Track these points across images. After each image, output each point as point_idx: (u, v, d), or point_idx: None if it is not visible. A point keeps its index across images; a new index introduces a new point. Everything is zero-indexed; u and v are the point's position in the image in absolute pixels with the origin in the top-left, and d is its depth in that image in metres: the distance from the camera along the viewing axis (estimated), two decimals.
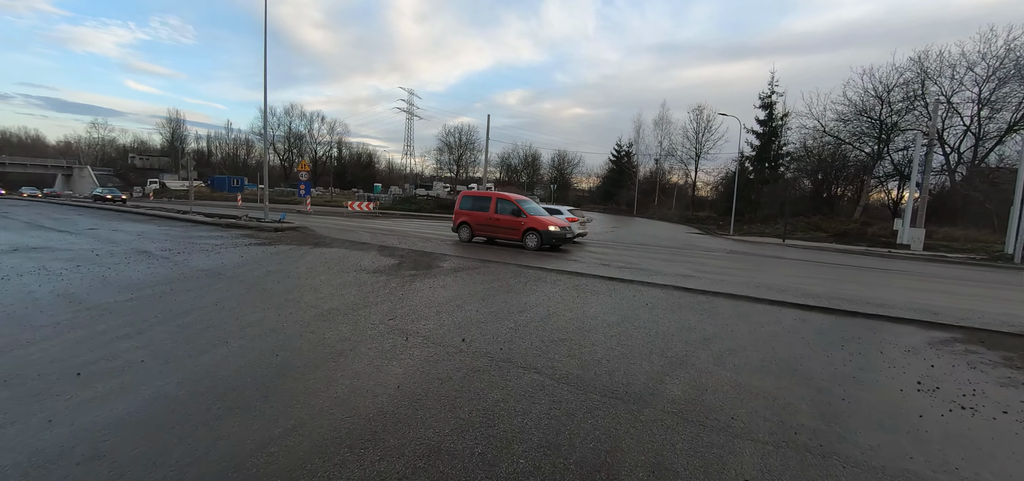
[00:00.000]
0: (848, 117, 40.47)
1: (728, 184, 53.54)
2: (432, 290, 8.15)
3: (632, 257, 14.87)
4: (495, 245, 15.50)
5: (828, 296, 9.16)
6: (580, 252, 15.27)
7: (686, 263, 14.19)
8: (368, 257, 11.82)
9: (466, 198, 16.85)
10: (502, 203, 15.74)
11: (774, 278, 11.62)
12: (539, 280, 9.58)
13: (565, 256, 13.77)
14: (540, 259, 12.68)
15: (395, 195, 46.93)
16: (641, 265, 12.79)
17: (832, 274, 13.47)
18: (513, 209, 15.36)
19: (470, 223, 16.12)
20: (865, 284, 11.62)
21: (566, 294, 8.29)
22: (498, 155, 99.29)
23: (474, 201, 16.48)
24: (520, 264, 11.54)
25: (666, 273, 11.36)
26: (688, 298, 8.45)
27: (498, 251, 14.05)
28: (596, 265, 12.09)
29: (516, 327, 6.07)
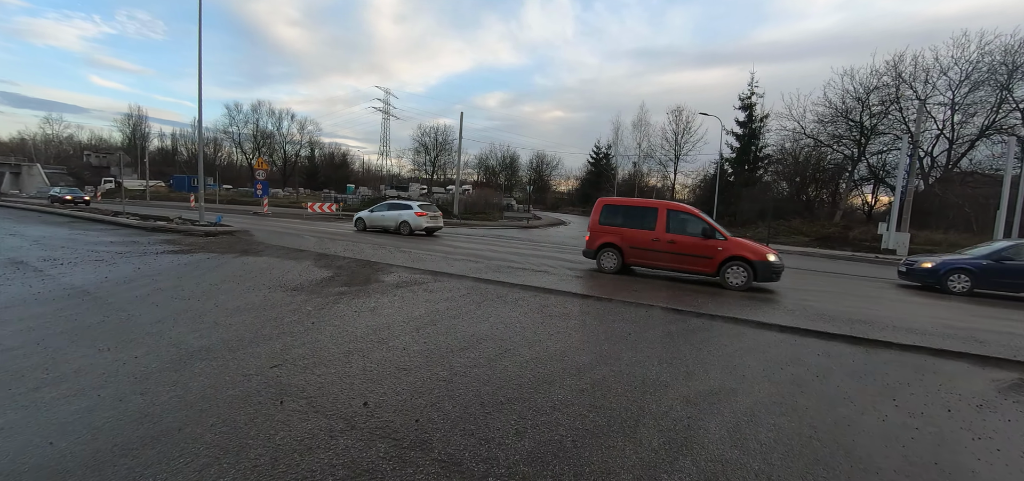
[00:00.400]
0: (828, 119, 40.00)
1: (707, 187, 52.87)
2: (356, 315, 6.33)
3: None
4: (477, 258, 13.72)
5: (844, 318, 7.67)
6: (550, 260, 13.60)
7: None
8: (298, 268, 9.89)
9: (609, 208, 11.68)
10: (680, 218, 10.83)
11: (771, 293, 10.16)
12: (499, 299, 7.85)
13: (532, 270, 12.08)
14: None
15: (363, 196, 44.64)
16: (619, 277, 11.18)
17: (831, 285, 12.10)
18: (704, 228, 10.55)
19: (620, 246, 11.14)
20: (872, 299, 10.24)
21: (527, 318, 6.57)
22: (476, 157, 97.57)
23: (625, 214, 11.43)
24: (481, 279, 9.78)
25: (654, 286, 9.76)
26: (680, 323, 6.82)
27: (468, 262, 12.27)
28: (569, 278, 10.41)
29: (451, 376, 4.32)
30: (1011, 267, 11.35)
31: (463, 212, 38.64)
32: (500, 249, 16.00)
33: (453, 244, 16.86)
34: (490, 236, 22.84)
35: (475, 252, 14.41)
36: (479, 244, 17.55)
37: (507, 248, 16.64)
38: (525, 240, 21.44)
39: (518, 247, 17.38)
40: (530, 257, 13.90)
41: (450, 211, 37.91)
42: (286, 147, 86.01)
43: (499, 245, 17.68)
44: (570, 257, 14.71)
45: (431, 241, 17.58)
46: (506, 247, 17.01)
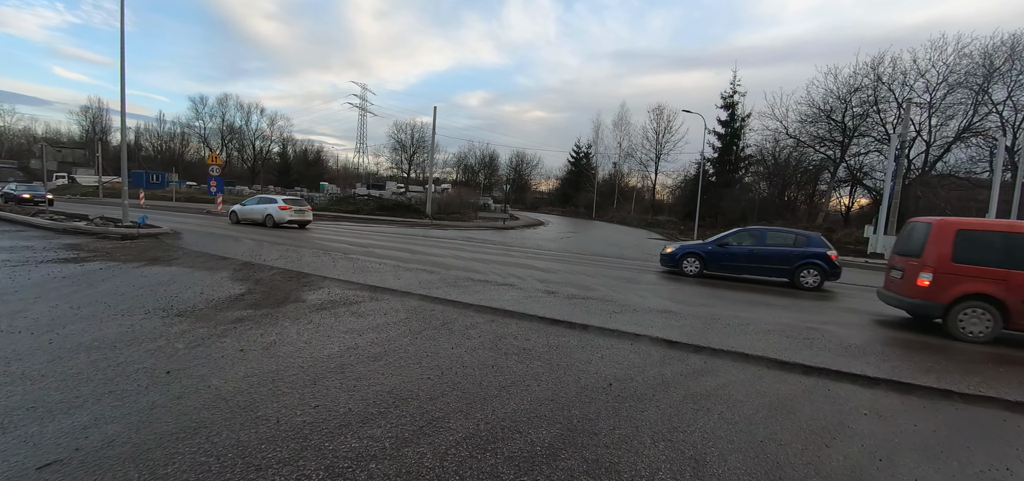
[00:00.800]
0: (810, 118, 39.36)
1: (688, 187, 52.05)
2: (239, 358, 4.57)
3: (588, 278, 11.67)
4: (436, 266, 11.97)
5: (876, 351, 6.22)
6: (521, 269, 11.94)
7: (657, 285, 11.12)
8: (207, 282, 8.03)
9: (970, 238, 7.35)
10: None
11: (777, 312, 8.70)
12: (445, 327, 6.16)
13: (496, 283, 10.40)
14: (492, 293, 9.26)
15: (331, 195, 42.35)
16: (596, 289, 9.60)
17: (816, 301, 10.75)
18: None
19: (1005, 303, 6.98)
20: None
21: (475, 358, 4.90)
22: (454, 155, 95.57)
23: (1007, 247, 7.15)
24: (429, 297, 8.07)
25: (636, 307, 8.17)
26: (677, 362, 5.23)
27: (422, 273, 10.55)
28: (537, 295, 8.77)
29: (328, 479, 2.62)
30: (729, 251, 12.49)
31: (437, 212, 36.77)
32: (466, 255, 14.29)
33: (415, 248, 15.09)
34: (459, 239, 21.09)
35: (436, 259, 12.68)
36: (444, 248, 15.81)
37: (474, 253, 14.95)
38: (497, 244, 19.75)
39: (487, 252, 15.69)
40: (497, 265, 12.23)
41: (422, 211, 36.01)
42: (256, 143, 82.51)
43: (466, 250, 15.97)
44: (544, 265, 13.08)
45: (392, 244, 15.77)
46: (473, 252, 15.31)
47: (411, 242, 17.43)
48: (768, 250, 12.34)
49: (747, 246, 12.57)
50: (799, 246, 12.08)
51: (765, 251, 12.35)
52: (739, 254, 12.49)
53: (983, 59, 35.33)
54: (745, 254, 12.46)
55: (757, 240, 12.70)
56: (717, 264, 12.61)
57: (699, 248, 13.07)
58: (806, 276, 11.69)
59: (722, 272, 12.70)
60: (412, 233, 22.28)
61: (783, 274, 12.03)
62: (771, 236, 12.89)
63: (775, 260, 12.13)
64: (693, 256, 12.83)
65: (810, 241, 12.16)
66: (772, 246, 12.39)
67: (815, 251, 11.82)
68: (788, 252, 12.08)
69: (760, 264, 12.30)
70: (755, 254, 12.39)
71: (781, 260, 12.06)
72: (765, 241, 12.61)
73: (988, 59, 35.27)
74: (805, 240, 12.24)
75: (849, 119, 39.10)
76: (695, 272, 12.62)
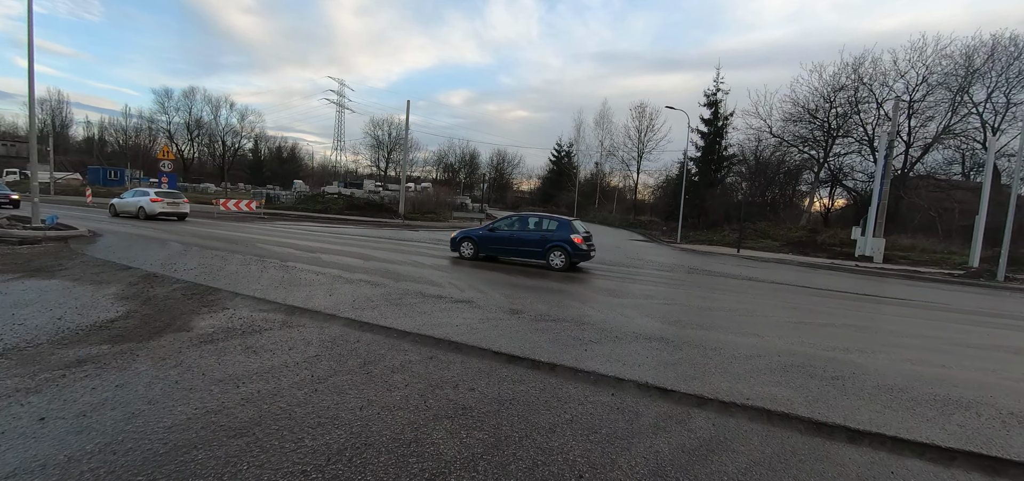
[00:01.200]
0: (795, 117, 38.68)
1: (670, 187, 51.18)
2: (20, 442, 2.91)
3: (562, 290, 10.18)
4: (385, 276, 10.33)
5: (923, 393, 4.84)
6: (485, 283, 10.40)
7: (644, 300, 9.70)
8: (84, 300, 6.29)
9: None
10: None
11: (795, 331, 7.33)
12: (363, 369, 4.57)
13: (450, 299, 8.85)
14: (434, 310, 7.67)
15: (299, 193, 40.16)
16: (571, 305, 8.11)
17: (853, 315, 9.48)
18: None
19: None
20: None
21: (393, 422, 3.32)
22: (434, 153, 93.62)
23: None
24: (357, 322, 6.48)
25: (620, 331, 6.69)
26: (676, 425, 3.75)
27: (363, 286, 8.92)
28: (499, 316, 7.24)
29: None
30: (496, 236, 13.19)
31: (411, 211, 34.96)
32: (428, 261, 12.68)
33: (372, 253, 13.40)
34: (427, 242, 19.44)
35: (390, 267, 11.05)
36: (405, 254, 14.17)
37: (437, 259, 13.35)
38: None
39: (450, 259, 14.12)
40: (459, 276, 10.66)
41: (396, 210, 34.18)
42: (225, 138, 79.12)
43: (430, 255, 14.35)
44: (515, 271, 11.55)
45: (347, 249, 14.05)
46: (437, 258, 13.71)
47: (371, 246, 15.73)
48: (527, 235, 13.00)
49: (510, 231, 13.21)
50: (550, 231, 12.74)
51: (524, 236, 13.01)
52: (504, 239, 13.12)
53: (963, 59, 35.02)
54: (508, 239, 13.09)
55: (521, 226, 13.36)
56: (487, 248, 13.31)
57: (473, 233, 13.67)
58: (554, 258, 12.42)
59: (491, 255, 13.42)
60: (376, 235, 20.53)
61: (538, 256, 12.74)
62: (532, 222, 13.47)
63: (532, 244, 12.81)
64: (468, 241, 13.49)
65: (561, 227, 12.76)
66: (531, 231, 13.05)
67: (562, 236, 12.50)
68: (541, 236, 12.77)
69: (520, 247, 12.98)
70: (516, 238, 13.02)
71: (536, 244, 12.75)
72: (527, 227, 13.27)
73: (968, 59, 34.97)
74: (556, 226, 12.85)
75: (833, 118, 38.52)
76: (470, 255, 13.37)
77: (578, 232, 12.61)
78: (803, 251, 27.40)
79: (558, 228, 12.71)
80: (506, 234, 13.14)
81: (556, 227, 12.77)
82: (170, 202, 20.47)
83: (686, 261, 19.49)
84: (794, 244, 29.63)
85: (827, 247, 28.43)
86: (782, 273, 16.65)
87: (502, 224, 13.54)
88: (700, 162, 44.80)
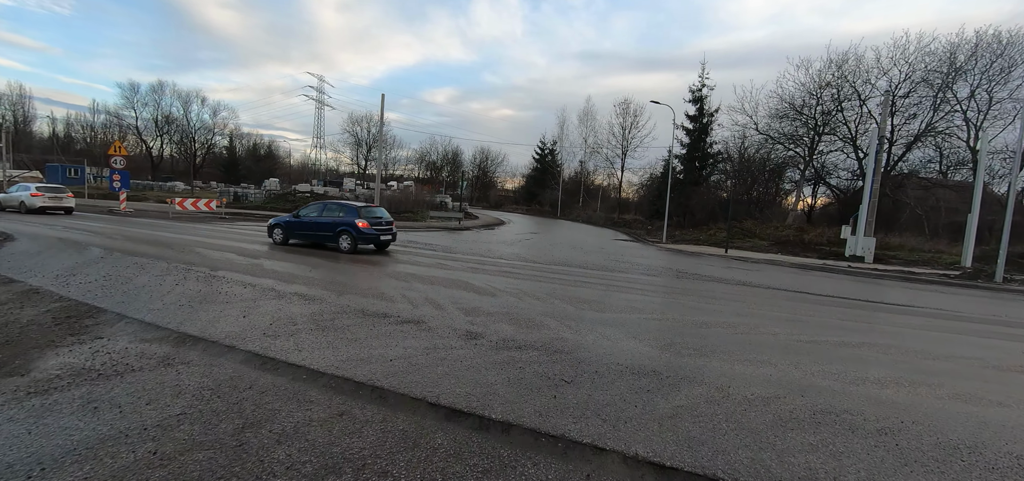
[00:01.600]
0: (782, 113, 38.00)
1: (654, 185, 50.34)
2: None
3: (536, 303, 8.87)
4: (327, 288, 8.88)
5: (999, 454, 3.65)
6: (449, 289, 9.04)
7: (630, 314, 8.44)
8: None
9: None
10: None
11: (809, 354, 6.12)
12: (241, 435, 3.18)
13: (396, 319, 7.48)
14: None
15: (269, 192, 38.21)
16: (544, 324, 6.79)
17: (867, 330, 8.35)
18: None
19: None
20: (956, 368, 6.45)
21: None
22: (417, 151, 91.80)
23: None
24: (260, 356, 5.08)
25: (602, 362, 5.39)
26: None
27: (292, 304, 7.49)
28: (453, 335, 5.88)
29: None
30: (300, 222, 13.95)
31: (387, 210, 33.32)
32: (382, 271, 11.28)
33: (321, 260, 11.94)
34: (400, 243, 18.00)
35: (338, 277, 9.62)
36: (360, 261, 12.73)
37: (402, 266, 11.96)
38: (438, 251, 16.80)
39: (418, 263, 12.73)
40: (419, 285, 9.29)
41: None
42: (196, 134, 76.04)
43: (392, 260, 12.94)
44: (483, 282, 10.22)
45: (295, 254, 12.55)
46: (398, 264, 12.32)
47: (327, 254, 14.22)
48: (322, 221, 13.71)
49: (310, 218, 13.92)
50: (340, 218, 13.47)
51: (320, 221, 13.73)
52: (305, 224, 13.86)
53: (947, 55, 34.67)
54: (309, 224, 13.84)
55: (319, 213, 13.97)
56: (293, 233, 14.03)
57: (282, 220, 14.38)
58: (342, 241, 13.27)
59: (297, 240, 14.12)
60: None
61: (331, 240, 13.53)
62: (328, 209, 14.03)
63: (326, 228, 13.56)
64: (279, 227, 14.18)
65: (348, 213, 13.53)
66: (325, 218, 13.71)
67: (349, 221, 13.25)
68: (334, 221, 13.50)
69: (317, 232, 13.74)
70: (314, 224, 13.78)
71: (329, 228, 13.50)
72: (323, 214, 13.87)
73: (951, 56, 34.63)
74: (345, 212, 13.60)
75: (819, 114, 37.97)
76: (281, 240, 14.07)
77: (366, 218, 13.37)
78: (792, 251, 26.58)
79: (346, 214, 13.52)
80: (307, 221, 13.87)
81: (345, 213, 13.57)
82: (52, 196, 20.52)
83: (673, 263, 18.37)
84: (782, 244, 28.82)
85: (815, 246, 27.68)
86: (776, 276, 15.60)
87: (305, 212, 14.18)
88: (685, 159, 43.94)
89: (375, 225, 13.41)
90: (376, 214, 13.80)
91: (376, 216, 13.70)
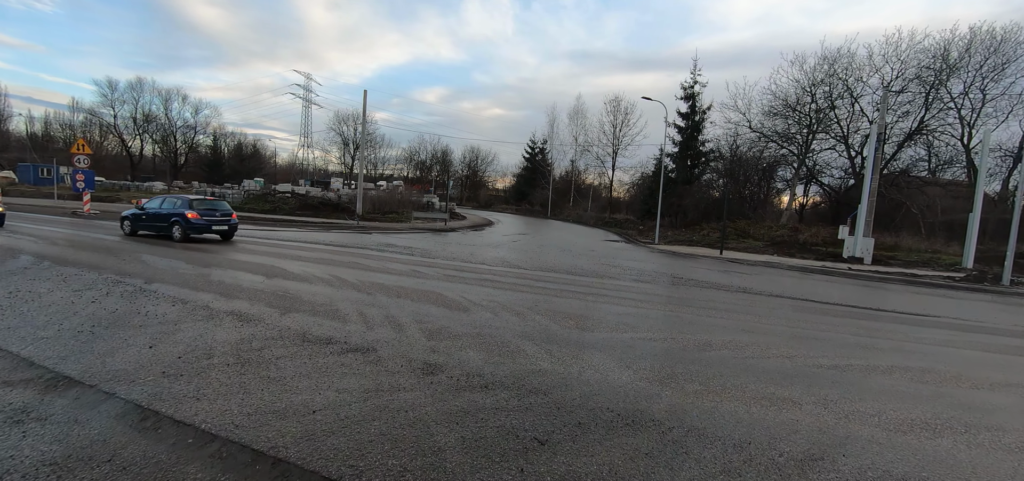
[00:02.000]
0: (776, 110, 37.31)
1: (645, 185, 49.55)
2: None
3: (513, 320, 7.84)
4: (280, 300, 7.76)
5: None
6: (415, 303, 7.97)
7: (620, 333, 7.44)
8: None
9: None
10: None
11: (835, 386, 5.15)
12: None
13: (341, 348, 6.41)
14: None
15: (248, 192, 36.80)
16: (521, 348, 5.76)
17: (891, 349, 7.42)
18: None
19: None
20: (1011, 403, 5.51)
21: None
22: (405, 150, 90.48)
23: None
24: (146, 408, 3.96)
25: (585, 407, 4.36)
26: None
27: (221, 327, 6.38)
28: (404, 371, 4.83)
29: None
30: (144, 213, 15.12)
31: (370, 211, 32.14)
32: (352, 277, 10.18)
33: (286, 267, 10.81)
34: (371, 248, 16.91)
35: (289, 288, 8.52)
36: (326, 267, 11.63)
37: (367, 274, 10.87)
38: (417, 255, 15.73)
39: (390, 269, 11.67)
40: (383, 297, 8.22)
41: (353, 210, 31.32)
42: (176, 133, 74.03)
43: (361, 268, 11.84)
44: (457, 294, 9.17)
45: (256, 261, 11.40)
46: (368, 272, 11.23)
47: (296, 255, 13.08)
48: (160, 213, 14.88)
49: (150, 211, 15.13)
50: (174, 210, 14.67)
51: (158, 213, 14.92)
52: (147, 216, 15.01)
53: (940, 52, 34.16)
54: (149, 216, 14.99)
55: (158, 207, 15.18)
56: (137, 225, 15.21)
57: (130, 213, 15.60)
58: (173, 231, 14.40)
59: (143, 230, 15.18)
60: (314, 241, 17.82)
61: (166, 231, 14.53)
62: (166, 202, 15.28)
63: (162, 220, 14.69)
64: (127, 219, 15.41)
65: (180, 205, 14.72)
66: (163, 211, 14.87)
67: (179, 213, 14.44)
68: (168, 214, 14.66)
69: (156, 223, 14.84)
70: (153, 216, 14.92)
71: (165, 220, 14.63)
72: (161, 207, 15.10)
73: (944, 53, 34.13)
74: (178, 204, 14.86)
75: (813, 112, 37.35)
76: (129, 231, 15.22)
77: (196, 210, 14.53)
78: (788, 252, 25.81)
79: (178, 207, 14.68)
80: (150, 213, 15.03)
81: (177, 206, 14.76)
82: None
83: (667, 266, 17.43)
84: (777, 244, 28.06)
85: (811, 247, 26.94)
86: (777, 281, 14.70)
87: (149, 206, 15.43)
88: (677, 158, 43.15)
89: (206, 216, 14.67)
90: (210, 207, 15.20)
91: (210, 208, 15.10)
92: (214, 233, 15.00)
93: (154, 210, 15.04)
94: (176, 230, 14.29)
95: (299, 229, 22.63)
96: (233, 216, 15.53)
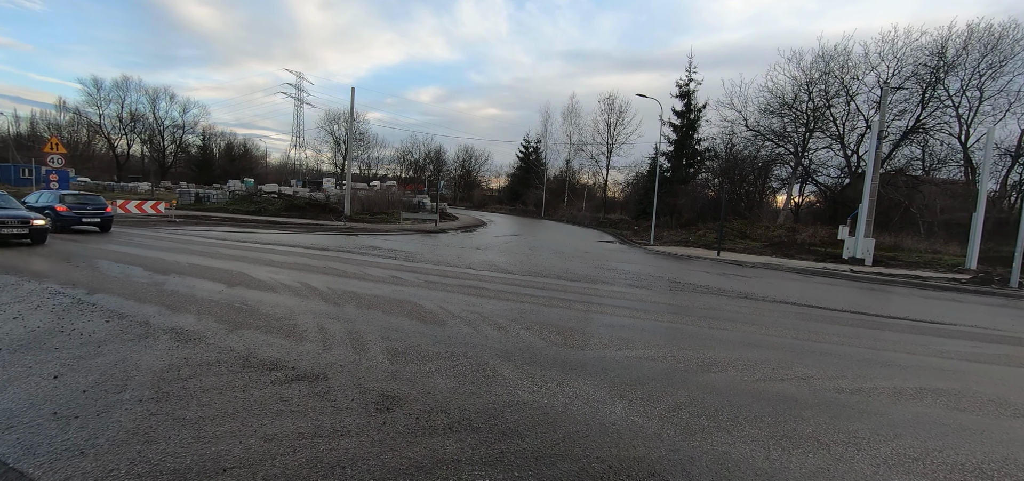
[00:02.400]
0: (772, 109, 36.77)
1: (640, 184, 48.96)
2: None
3: (495, 334, 7.08)
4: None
5: None
6: (389, 315, 7.22)
7: (615, 350, 6.71)
8: None
9: None
10: None
11: (863, 418, 4.45)
12: None
13: (261, 374, 5.62)
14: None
15: (233, 192, 35.83)
16: (500, 372, 5.01)
17: (916, 367, 6.73)
18: None
19: None
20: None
21: None
22: (398, 150, 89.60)
23: None
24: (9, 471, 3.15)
25: (568, 456, 3.61)
26: None
27: (161, 339, 5.57)
28: (358, 409, 4.06)
29: None
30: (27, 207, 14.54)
31: (358, 212, 31.31)
32: (321, 284, 9.41)
33: (249, 273, 10.01)
34: (352, 250, 16.13)
35: (252, 298, 7.73)
36: (298, 272, 10.85)
37: (341, 282, 10.10)
38: (400, 258, 14.97)
39: (368, 275, 10.91)
40: (352, 309, 7.46)
41: (341, 210, 30.48)
42: (164, 132, 72.73)
43: (332, 274, 11.08)
44: (435, 304, 8.42)
45: (222, 265, 10.60)
46: (343, 279, 10.47)
47: (267, 260, 12.29)
48: (37, 205, 15.61)
49: (30, 203, 15.96)
50: (46, 203, 15.73)
51: (35, 206, 15.56)
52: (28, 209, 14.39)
53: (937, 50, 33.74)
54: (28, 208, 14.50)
55: (36, 200, 16.34)
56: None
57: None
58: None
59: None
60: (295, 244, 17.01)
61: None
62: (43, 196, 16.40)
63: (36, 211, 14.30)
64: None
65: (51, 199, 15.92)
66: (39, 203, 15.85)
67: (49, 205, 15.57)
68: (43, 207, 15.41)
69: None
70: (32, 208, 14.91)
71: (37, 211, 14.46)
72: (39, 200, 16.20)
73: (941, 50, 33.71)
74: (50, 199, 15.98)
75: (809, 110, 36.86)
76: None
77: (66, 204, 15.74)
78: (786, 253, 25.22)
79: (50, 201, 15.86)
80: (28, 206, 14.93)
81: (50, 200, 15.91)
82: None
83: (664, 269, 16.75)
84: (775, 245, 27.47)
85: (810, 248, 26.37)
86: (779, 285, 14.04)
87: (27, 199, 16.52)
88: (672, 157, 42.55)
89: (75, 209, 15.68)
90: (83, 200, 16.30)
91: (82, 202, 16.16)
92: (88, 225, 16.04)
93: (32, 203, 16.01)
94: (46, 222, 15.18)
95: (281, 231, 21.78)
96: (107, 209, 16.68)
